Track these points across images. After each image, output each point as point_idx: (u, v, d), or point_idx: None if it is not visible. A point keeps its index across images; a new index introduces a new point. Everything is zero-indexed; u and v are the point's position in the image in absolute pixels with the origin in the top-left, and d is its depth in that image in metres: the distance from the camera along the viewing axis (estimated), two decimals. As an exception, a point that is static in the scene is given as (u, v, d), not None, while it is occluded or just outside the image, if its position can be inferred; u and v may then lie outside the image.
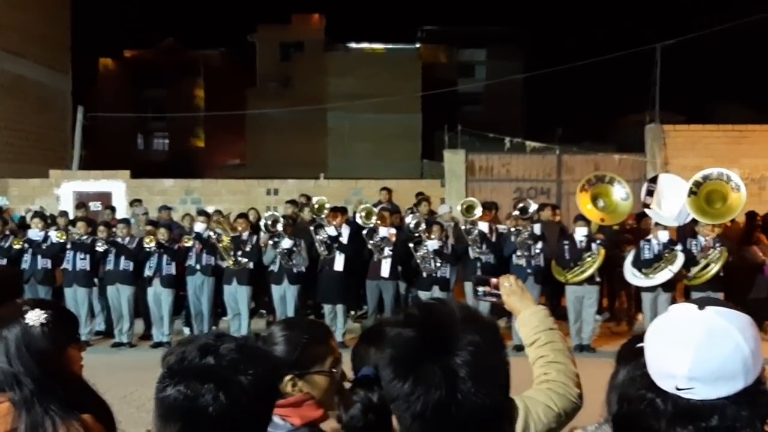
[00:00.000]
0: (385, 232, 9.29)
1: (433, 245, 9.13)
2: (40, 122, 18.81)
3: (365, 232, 9.34)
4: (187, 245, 9.47)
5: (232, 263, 9.42)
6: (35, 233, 9.58)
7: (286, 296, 9.41)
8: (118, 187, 13.61)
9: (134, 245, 9.49)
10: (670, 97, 15.12)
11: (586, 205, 9.30)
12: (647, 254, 9.07)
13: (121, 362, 8.47)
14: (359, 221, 9.47)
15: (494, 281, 2.20)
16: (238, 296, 9.51)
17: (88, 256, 9.40)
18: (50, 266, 9.45)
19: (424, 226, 9.34)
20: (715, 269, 8.83)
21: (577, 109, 30.58)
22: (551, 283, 9.51)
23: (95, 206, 13.03)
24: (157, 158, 37.30)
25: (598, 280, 9.19)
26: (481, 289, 2.26)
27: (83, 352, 2.10)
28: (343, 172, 22.03)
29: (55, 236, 9.42)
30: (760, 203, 12.00)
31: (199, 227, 9.76)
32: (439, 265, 9.16)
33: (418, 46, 38.44)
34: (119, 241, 9.50)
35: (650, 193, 9.63)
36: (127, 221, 10.08)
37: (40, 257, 9.39)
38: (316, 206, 9.87)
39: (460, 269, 9.61)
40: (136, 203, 12.29)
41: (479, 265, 9.34)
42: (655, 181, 9.90)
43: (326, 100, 29.21)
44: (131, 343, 9.54)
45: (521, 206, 9.36)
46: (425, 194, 11.89)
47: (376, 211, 9.54)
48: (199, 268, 9.56)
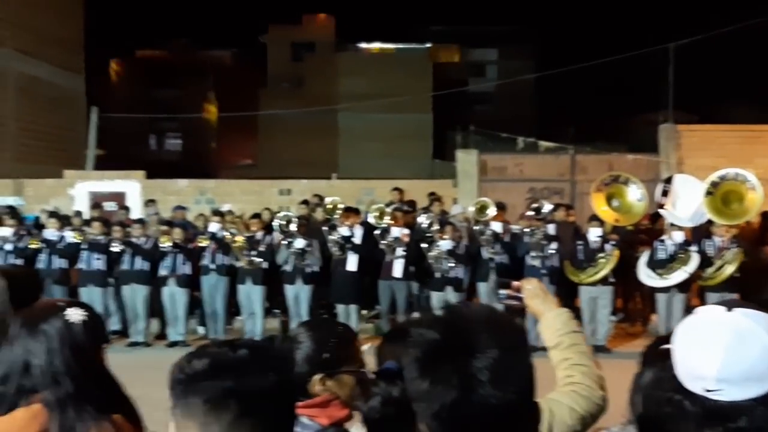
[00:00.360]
0: (397, 232, 9.32)
1: (446, 245, 9.15)
2: (54, 123, 18.97)
3: (378, 232, 9.37)
4: (202, 245, 9.54)
5: (246, 263, 9.48)
6: (51, 233, 9.68)
7: (299, 296, 9.46)
8: (132, 187, 13.70)
9: (149, 245, 9.57)
10: (683, 96, 15.05)
11: (601, 206, 9.27)
12: (662, 255, 9.04)
13: (136, 361, 8.52)
14: (372, 221, 9.50)
15: (516, 284, 2.21)
16: (252, 296, 9.56)
17: (103, 256, 9.49)
18: (66, 266, 9.54)
19: (437, 226, 9.36)
20: (730, 270, 8.79)
21: (589, 108, 30.46)
22: (565, 283, 9.49)
23: (110, 206, 13.12)
24: (169, 158, 37.48)
25: (612, 280, 9.17)
26: (503, 291, 2.27)
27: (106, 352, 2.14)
28: (354, 172, 22.06)
29: (70, 236, 9.52)
30: (774, 203, 11.89)
31: (213, 227, 9.82)
32: (452, 265, 9.17)
33: (428, 45, 38.42)
34: (135, 241, 9.58)
35: (665, 193, 9.59)
36: (142, 221, 10.16)
37: (56, 257, 9.48)
38: (329, 206, 9.90)
39: (473, 270, 9.61)
40: (150, 204, 12.37)
41: (492, 265, 9.35)
42: (669, 181, 9.85)
43: (337, 100, 29.27)
44: (147, 342, 9.62)
45: (535, 206, 9.37)
46: (437, 194, 11.89)
47: (389, 211, 9.56)
48: (213, 267, 9.62)
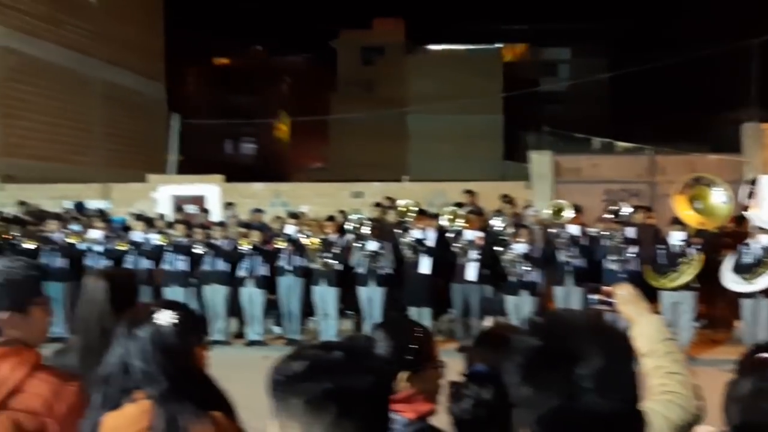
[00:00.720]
0: (471, 235, 9.26)
1: (520, 249, 9.03)
2: (137, 129, 19.81)
3: (451, 234, 9.34)
4: (278, 247, 9.76)
5: (320, 265, 9.64)
6: (138, 235, 10.12)
7: (372, 298, 9.54)
8: (212, 190, 14.14)
9: (229, 247, 9.87)
10: (768, 94, 14.36)
11: (683, 209, 8.94)
12: (747, 259, 8.67)
13: (216, 360, 8.74)
14: (445, 224, 9.47)
15: (607, 289, 2.18)
16: (326, 297, 9.71)
17: (186, 257, 9.85)
18: (152, 267, 9.93)
19: (511, 229, 9.25)
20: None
21: (668, 106, 29.37)
22: (645, 288, 9.20)
23: (190, 209, 13.56)
24: (244, 162, 38.45)
25: (695, 285, 8.84)
26: (593, 297, 2.24)
27: (207, 351, 2.22)
28: (424, 174, 22.04)
29: (155, 238, 9.92)
30: None
31: (289, 229, 10.02)
32: (527, 269, 9.05)
33: (499, 45, 38.01)
34: (215, 242, 9.90)
35: (750, 195, 9.19)
36: (223, 223, 10.48)
37: (142, 258, 9.90)
38: (402, 209, 9.94)
39: (548, 273, 9.46)
40: (228, 207, 12.72)
41: (569, 269, 9.17)
42: (754, 182, 9.44)
43: (407, 102, 29.36)
44: (227, 341, 9.91)
45: (613, 209, 9.14)
46: (510, 196, 11.75)
47: (462, 213, 9.52)
48: (289, 269, 9.82)
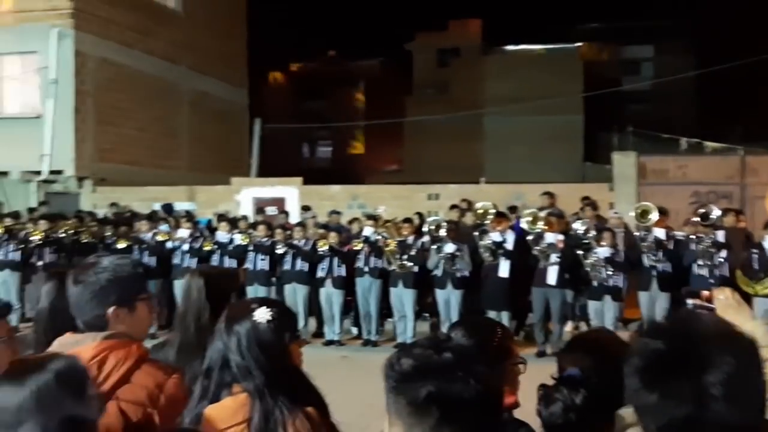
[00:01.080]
0: (552, 238, 9.09)
1: (603, 252, 8.80)
2: (221, 134, 20.48)
3: (531, 237, 9.20)
4: (356, 248, 9.88)
5: (397, 267, 9.68)
6: (223, 236, 10.48)
7: (450, 301, 9.50)
8: (291, 192, 14.47)
9: (308, 247, 10.07)
10: None
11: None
12: None
13: (296, 358, 8.99)
14: (525, 226, 9.34)
15: (706, 293, 2.11)
16: (403, 299, 9.75)
17: (267, 257, 10.11)
18: (235, 266, 10.25)
19: (594, 232, 9.03)
20: None
21: (759, 105, 27.92)
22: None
23: (271, 210, 13.92)
24: (320, 165, 39.10)
25: (792, 292, 8.36)
26: (690, 301, 2.17)
27: (301, 348, 2.28)
28: (500, 176, 21.78)
29: (239, 238, 10.24)
30: None
31: (367, 231, 10.12)
32: (610, 273, 8.80)
33: (578, 44, 37.13)
34: (295, 243, 10.12)
35: None
36: (302, 224, 10.71)
37: (226, 258, 10.23)
38: (480, 211, 9.86)
39: (632, 278, 9.18)
40: (305, 210, 12.96)
41: (654, 273, 8.88)
42: None
43: (483, 104, 29.11)
44: (306, 339, 10.09)
45: (702, 211, 8.76)
46: (591, 198, 11.47)
47: (542, 216, 9.36)
48: (367, 270, 9.92)
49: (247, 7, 22.67)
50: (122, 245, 10.53)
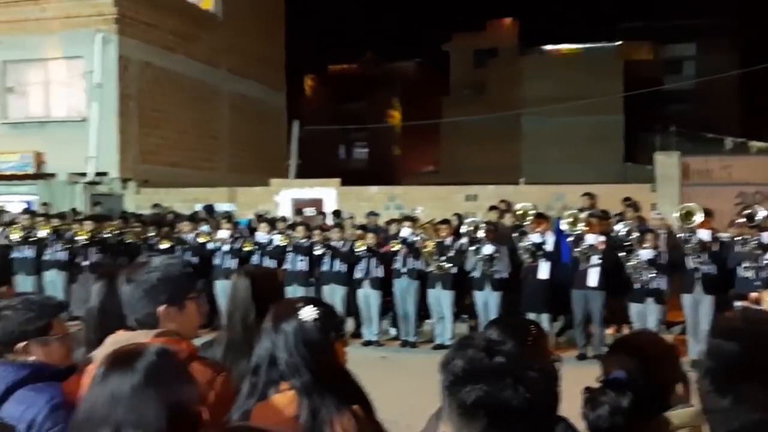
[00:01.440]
0: (592, 239, 8.98)
1: (646, 254, 8.65)
2: (259, 136, 20.73)
3: (571, 239, 9.10)
4: (394, 249, 9.89)
5: (435, 268, 9.67)
6: (262, 236, 10.60)
7: (488, 302, 9.45)
8: (329, 193, 14.57)
9: (346, 248, 10.12)
10: None
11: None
12: None
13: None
14: (565, 228, 9.24)
15: (754, 295, 2.07)
16: (442, 300, 9.73)
17: (306, 257, 10.20)
18: (275, 266, 10.35)
19: (636, 233, 8.88)
20: None
21: (807, 103, 27.12)
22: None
23: (309, 211, 14.04)
24: (357, 166, 39.24)
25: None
26: (738, 303, 2.14)
27: (346, 347, 2.30)
28: (539, 176, 21.58)
29: (278, 239, 10.35)
30: None
31: (405, 232, 10.13)
32: (653, 275, 8.65)
33: (618, 43, 36.55)
34: (333, 244, 10.18)
35: None
36: (340, 226, 10.76)
37: (266, 258, 10.35)
38: (520, 212, 9.78)
39: (675, 280, 9.00)
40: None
41: (698, 276, 8.69)
42: None
43: (521, 104, 28.88)
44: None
45: (748, 213, 8.56)
46: (633, 199, 11.28)
47: (583, 217, 9.25)
48: (405, 271, 9.92)
49: (285, 10, 22.90)
50: (165, 246, 10.73)
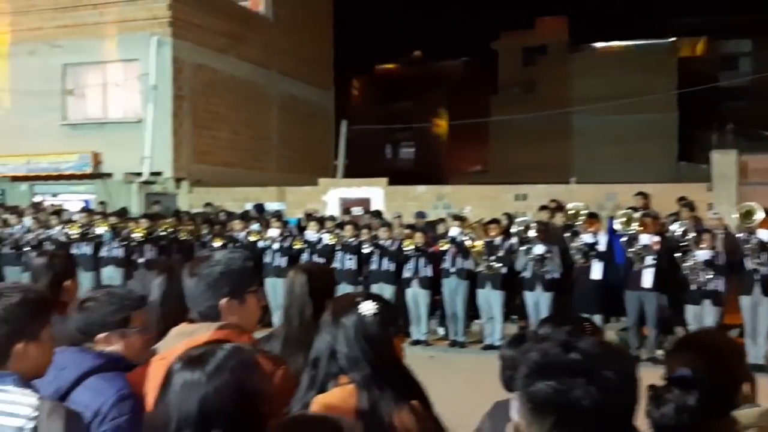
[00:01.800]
0: (647, 239, 8.78)
1: (703, 255, 8.42)
2: (308, 136, 20.95)
3: (625, 239, 8.92)
4: (443, 249, 9.87)
5: (485, 268, 9.61)
6: (312, 235, 10.71)
7: (539, 303, 9.34)
8: (376, 193, 14.63)
9: (395, 247, 10.14)
10: None
11: None
12: None
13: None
14: (618, 228, 9.06)
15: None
16: (491, 300, 9.66)
17: (354, 256, 10.26)
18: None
19: (692, 234, 8.66)
20: None
21: None
22: None
23: (356, 211, 14.12)
24: (403, 166, 39.25)
25: None
26: None
27: (403, 343, 2.31)
28: (589, 176, 21.19)
29: (327, 238, 10.45)
30: None
31: (453, 231, 10.09)
32: (710, 277, 8.42)
33: (672, 40, 35.63)
34: (382, 243, 10.22)
35: None
36: (388, 225, 10.79)
37: (315, 257, 10.45)
38: (572, 212, 9.65)
39: (734, 282, 8.74)
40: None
41: (757, 277, 8.42)
42: None
43: (571, 102, 28.43)
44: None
45: (810, 213, 8.24)
46: (688, 199, 10.99)
47: (637, 217, 9.06)
48: (453, 271, 9.89)
49: (334, 11, 23.07)
50: (217, 244, 10.94)
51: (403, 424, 2.03)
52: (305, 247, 10.64)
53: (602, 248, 9.12)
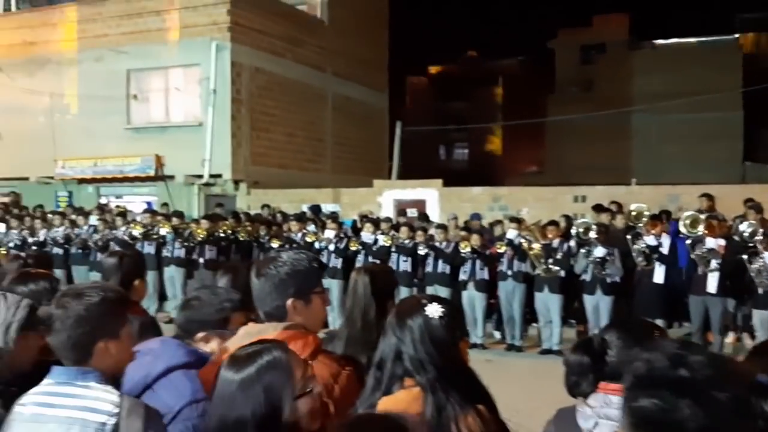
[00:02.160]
0: (712, 243, 8.50)
1: (772, 258, 8.10)
2: (362, 137, 21.05)
3: (689, 242, 8.65)
4: (499, 251, 9.77)
5: (542, 271, 9.47)
6: (367, 236, 10.76)
7: (599, 307, 9.15)
8: (431, 194, 14.59)
9: (450, 249, 10.09)
10: None
11: None
12: None
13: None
14: (683, 230, 8.80)
15: None
16: (549, 304, 9.51)
17: (409, 258, 10.25)
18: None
19: (760, 236, 8.33)
20: None
21: None
22: None
23: (411, 212, 14.11)
24: (457, 167, 39.05)
25: None
26: None
27: (468, 347, 2.29)
28: (651, 176, 20.65)
29: (382, 239, 10.47)
30: None
31: (510, 234, 9.98)
32: (779, 281, 8.09)
33: (737, 36, 34.41)
34: (437, 245, 10.18)
35: None
36: (444, 227, 10.74)
37: (371, 258, 10.49)
38: (634, 213, 9.41)
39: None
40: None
41: (832, 283, 8.04)
42: None
43: (631, 101, 27.74)
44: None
45: None
46: (755, 201, 10.57)
47: (702, 219, 8.77)
48: (510, 274, 9.78)
49: (389, 12, 23.12)
50: (275, 244, 11.10)
51: (468, 428, 2.01)
52: (360, 248, 10.69)
53: (665, 251, 8.87)
